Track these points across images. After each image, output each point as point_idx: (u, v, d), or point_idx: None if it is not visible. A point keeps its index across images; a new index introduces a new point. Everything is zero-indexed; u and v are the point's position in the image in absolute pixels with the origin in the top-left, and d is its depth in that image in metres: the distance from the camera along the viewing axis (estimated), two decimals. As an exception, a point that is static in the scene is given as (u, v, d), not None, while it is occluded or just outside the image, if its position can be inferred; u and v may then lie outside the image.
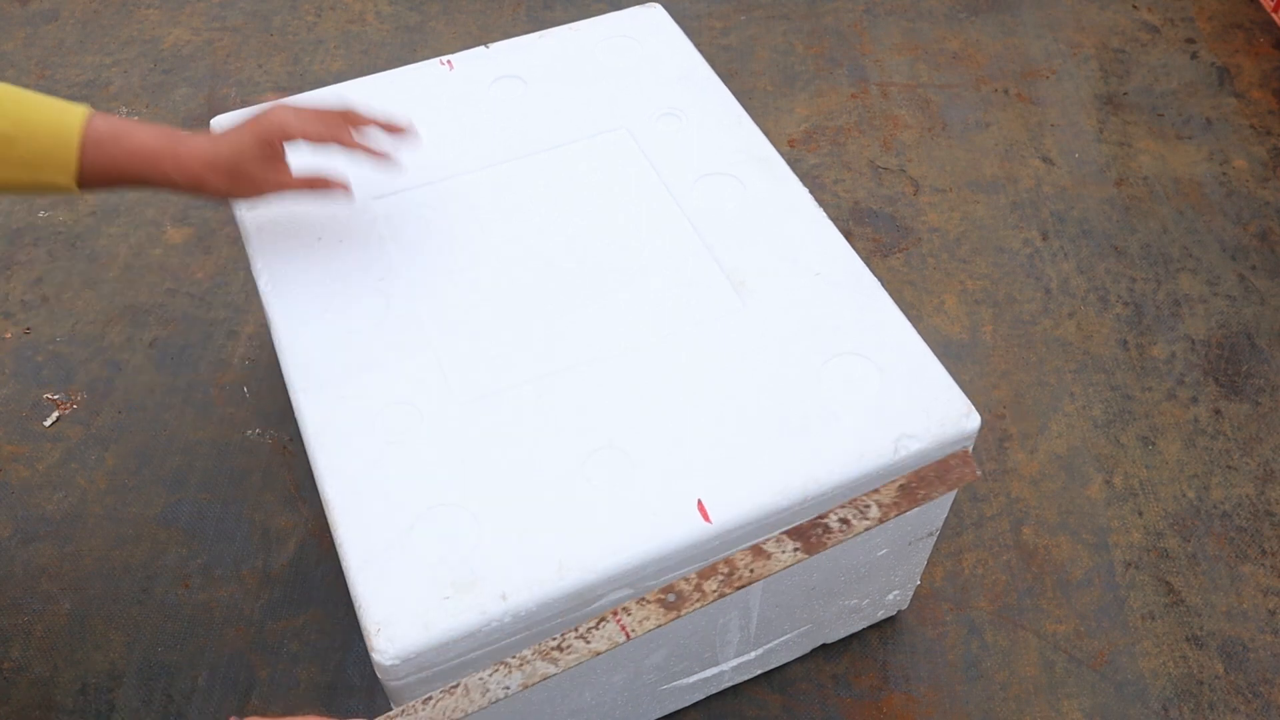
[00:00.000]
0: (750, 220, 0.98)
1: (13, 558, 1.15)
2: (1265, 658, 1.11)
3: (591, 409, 0.85)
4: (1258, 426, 1.29)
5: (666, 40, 1.16)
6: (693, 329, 0.90)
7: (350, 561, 0.77)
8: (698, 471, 0.81)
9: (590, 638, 0.65)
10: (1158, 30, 1.80)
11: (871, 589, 1.02)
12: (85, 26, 1.77)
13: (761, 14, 1.81)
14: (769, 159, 1.04)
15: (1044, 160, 1.59)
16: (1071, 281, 1.43)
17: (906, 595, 1.08)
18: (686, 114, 1.07)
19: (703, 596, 0.67)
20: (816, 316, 0.91)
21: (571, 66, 1.13)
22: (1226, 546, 1.19)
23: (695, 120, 1.07)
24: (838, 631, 1.07)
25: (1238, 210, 1.52)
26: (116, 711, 1.05)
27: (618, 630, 0.66)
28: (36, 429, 1.26)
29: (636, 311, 0.91)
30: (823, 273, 0.94)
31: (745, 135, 1.06)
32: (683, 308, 0.92)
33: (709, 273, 0.94)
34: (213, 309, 1.38)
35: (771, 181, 1.02)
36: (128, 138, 0.88)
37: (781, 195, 1.01)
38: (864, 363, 0.88)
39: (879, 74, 1.71)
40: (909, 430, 0.85)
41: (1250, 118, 1.65)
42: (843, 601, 1.01)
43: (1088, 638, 1.12)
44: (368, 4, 1.83)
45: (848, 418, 0.85)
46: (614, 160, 1.04)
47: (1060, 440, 1.27)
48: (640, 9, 1.19)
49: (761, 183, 1.01)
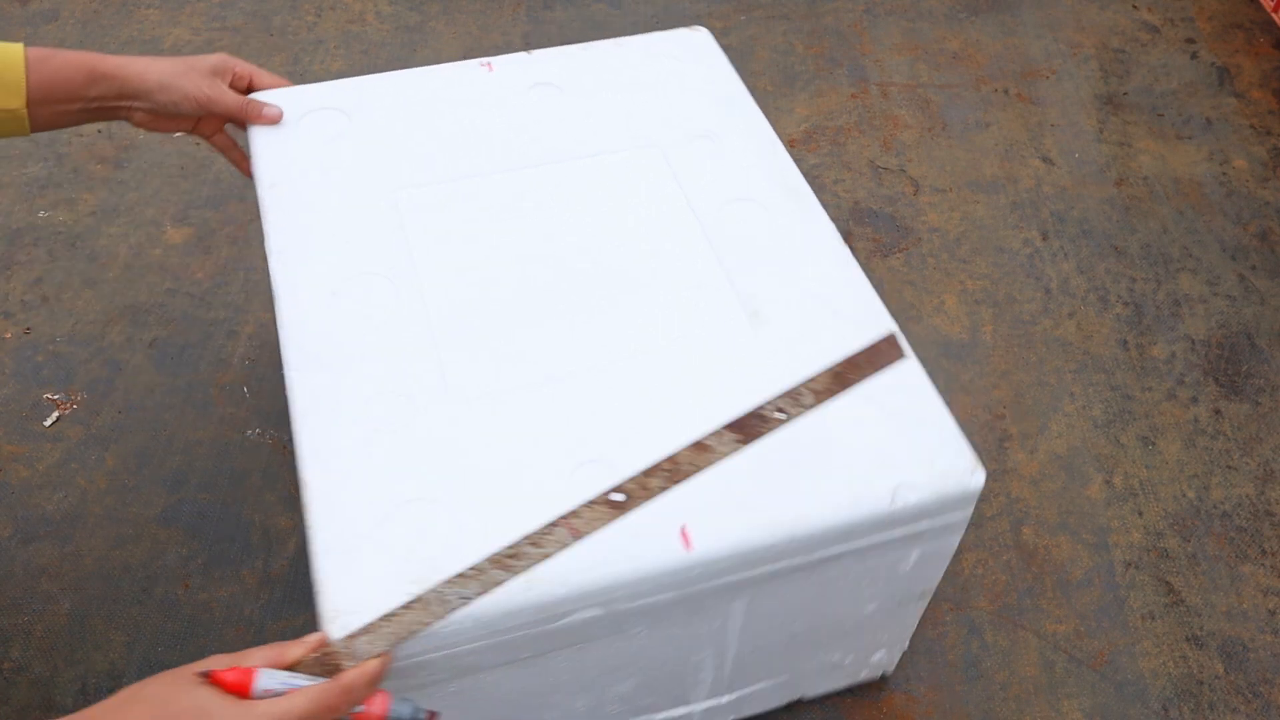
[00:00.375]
0: (772, 249, 0.97)
1: (13, 558, 1.15)
2: (1265, 658, 1.11)
3: (585, 421, 0.83)
4: (1258, 426, 1.29)
5: (709, 63, 1.14)
6: (699, 351, 0.89)
7: (317, 546, 0.76)
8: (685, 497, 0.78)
9: (541, 543, 0.69)
10: (1158, 30, 1.80)
11: (857, 645, 0.99)
12: (85, 26, 1.77)
13: (761, 14, 1.81)
14: (799, 190, 1.02)
15: (1044, 160, 1.59)
16: (1071, 281, 1.43)
17: (893, 658, 1.05)
18: (721, 138, 1.06)
19: (648, 493, 0.70)
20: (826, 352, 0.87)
21: (611, 80, 1.12)
22: (1226, 546, 1.19)
23: (729, 145, 1.05)
24: (817, 687, 1.04)
25: (1238, 210, 1.52)
26: (116, 711, 1.05)
27: (566, 533, 0.69)
28: (36, 429, 1.26)
29: (643, 328, 0.90)
30: (839, 310, 0.92)
31: (778, 164, 1.04)
32: (691, 329, 0.91)
33: (722, 296, 0.93)
34: (213, 309, 1.38)
35: (799, 213, 1.00)
36: (63, 52, 0.93)
37: (808, 228, 0.99)
38: (869, 405, 0.85)
39: (879, 74, 1.71)
40: (909, 480, 0.81)
41: (1250, 118, 1.65)
42: (825, 655, 0.98)
43: (1088, 638, 1.12)
44: (368, 4, 1.83)
45: (846, 460, 0.82)
46: (642, 176, 1.03)
47: (1060, 440, 1.27)
48: (687, 31, 1.17)
49: (788, 213, 1.00)
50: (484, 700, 0.83)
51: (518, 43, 1.76)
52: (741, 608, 0.84)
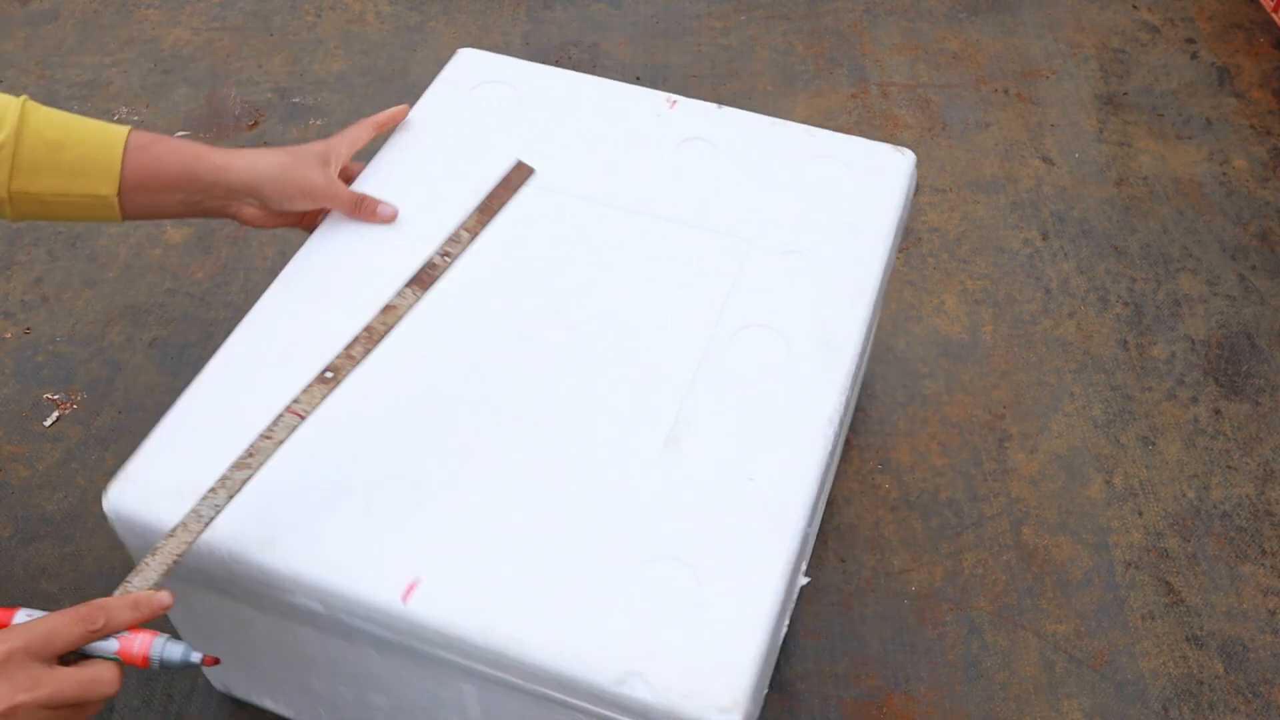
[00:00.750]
0: (761, 385, 0.87)
1: (13, 558, 1.15)
2: (1265, 658, 1.11)
3: (458, 479, 0.80)
4: (1258, 426, 1.29)
5: (884, 187, 1.02)
6: (606, 461, 0.82)
7: (166, 422, 0.83)
8: (445, 553, 0.76)
9: (272, 433, 0.74)
10: (1158, 30, 1.80)
11: None
12: (85, 26, 1.77)
13: (761, 14, 1.82)
14: (841, 348, 0.90)
15: (1044, 160, 1.59)
16: (1071, 281, 1.44)
17: None
18: (815, 261, 0.96)
19: (354, 361, 0.77)
20: (684, 508, 0.79)
21: (771, 162, 1.04)
22: (1226, 546, 1.19)
23: (816, 271, 0.95)
24: None
25: (1238, 210, 1.52)
26: (116, 712, 1.05)
27: (291, 417, 0.75)
28: (36, 429, 1.26)
29: (577, 415, 0.85)
30: (755, 478, 0.81)
31: (842, 311, 0.92)
32: (613, 432, 0.83)
33: (660, 409, 0.84)
34: (213, 309, 1.38)
35: (816, 368, 0.88)
36: (168, 141, 0.89)
37: (811, 387, 0.87)
38: (680, 569, 0.76)
39: (879, 74, 1.71)
40: (646, 671, 0.70)
41: (1250, 118, 1.65)
42: None
43: (1088, 638, 1.12)
44: (368, 4, 1.83)
45: (607, 614, 0.73)
46: (699, 261, 0.96)
47: (1060, 440, 1.27)
48: (890, 149, 1.05)
49: (805, 361, 0.89)
50: (256, 652, 0.88)
51: (517, 43, 1.76)
52: (474, 693, 0.79)
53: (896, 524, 1.20)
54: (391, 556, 0.76)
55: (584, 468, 0.81)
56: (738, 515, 0.79)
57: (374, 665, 0.83)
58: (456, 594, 0.74)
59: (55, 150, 0.83)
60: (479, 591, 0.74)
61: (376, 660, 0.82)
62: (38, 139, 0.83)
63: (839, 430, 0.88)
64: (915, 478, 1.23)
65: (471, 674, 0.76)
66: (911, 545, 1.18)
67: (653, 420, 0.84)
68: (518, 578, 0.75)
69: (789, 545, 0.77)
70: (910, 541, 1.18)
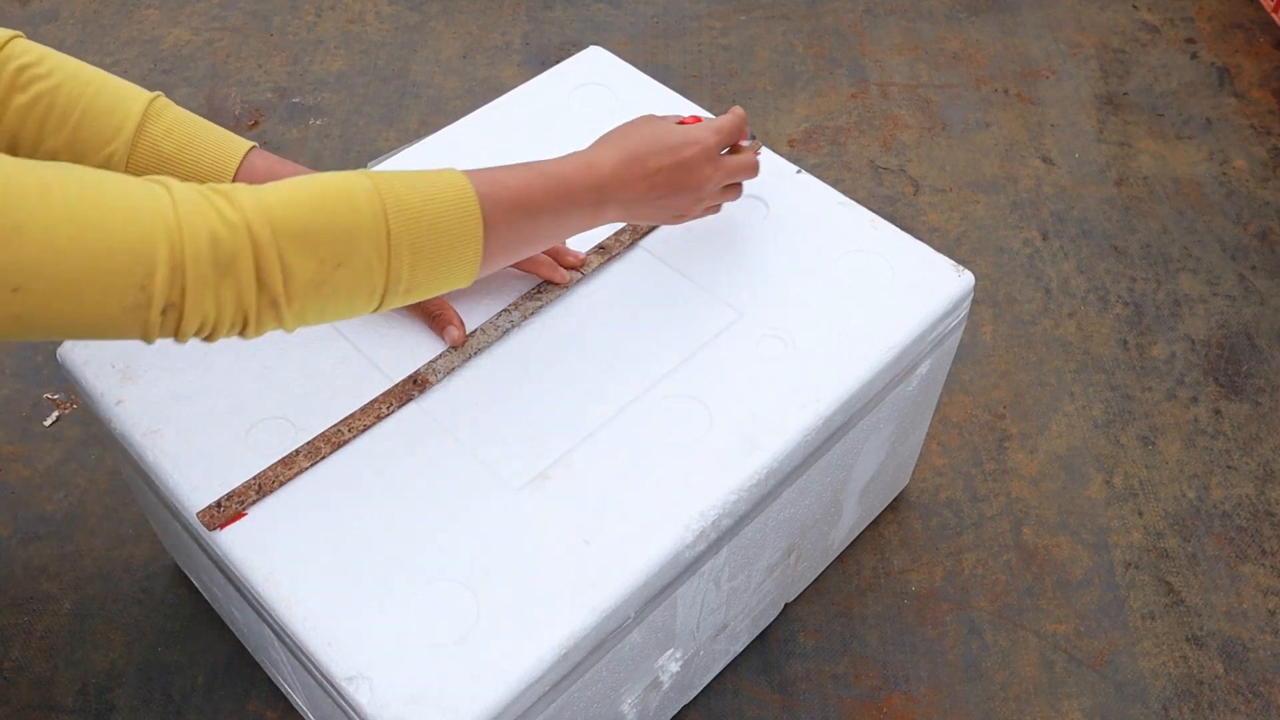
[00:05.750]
0: (657, 454, 0.83)
1: (13, 558, 1.15)
2: (1265, 658, 1.11)
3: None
4: (1258, 426, 1.29)
5: (916, 302, 0.94)
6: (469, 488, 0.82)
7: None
8: (273, 510, 0.81)
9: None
10: (1158, 30, 1.80)
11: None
12: (85, 26, 1.77)
13: (761, 14, 1.82)
14: (764, 449, 0.84)
15: (1044, 160, 1.59)
16: (1071, 281, 1.44)
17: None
18: (789, 349, 0.90)
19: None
20: (521, 548, 0.79)
21: (817, 235, 0.98)
22: (1226, 546, 1.19)
23: (780, 363, 0.89)
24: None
25: (1238, 210, 1.52)
26: (116, 711, 1.05)
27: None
28: (36, 429, 1.26)
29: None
30: (591, 542, 0.79)
31: (780, 419, 0.85)
32: (490, 457, 0.84)
33: (547, 448, 0.83)
34: (213, 309, 1.38)
35: (719, 463, 0.83)
36: (287, 165, 0.87)
37: (706, 478, 0.82)
38: (464, 593, 0.78)
39: (879, 74, 1.71)
40: (372, 676, 0.73)
41: (1250, 118, 1.65)
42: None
43: (1088, 638, 1.12)
44: (368, 4, 1.83)
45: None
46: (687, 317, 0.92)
47: (1060, 440, 1.27)
48: (953, 267, 0.96)
49: (719, 452, 0.84)
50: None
51: (517, 43, 1.76)
52: (275, 640, 0.84)
53: (896, 524, 1.20)
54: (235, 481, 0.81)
55: (452, 489, 0.81)
56: (569, 569, 0.77)
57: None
58: (263, 543, 0.78)
59: (167, 164, 0.83)
60: (282, 545, 0.78)
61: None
62: (153, 152, 0.84)
63: (724, 535, 0.83)
64: (915, 478, 1.23)
65: (264, 620, 0.81)
66: (911, 545, 1.18)
67: (535, 455, 0.83)
68: (332, 558, 0.77)
69: (586, 619, 0.74)
70: (910, 541, 1.18)
